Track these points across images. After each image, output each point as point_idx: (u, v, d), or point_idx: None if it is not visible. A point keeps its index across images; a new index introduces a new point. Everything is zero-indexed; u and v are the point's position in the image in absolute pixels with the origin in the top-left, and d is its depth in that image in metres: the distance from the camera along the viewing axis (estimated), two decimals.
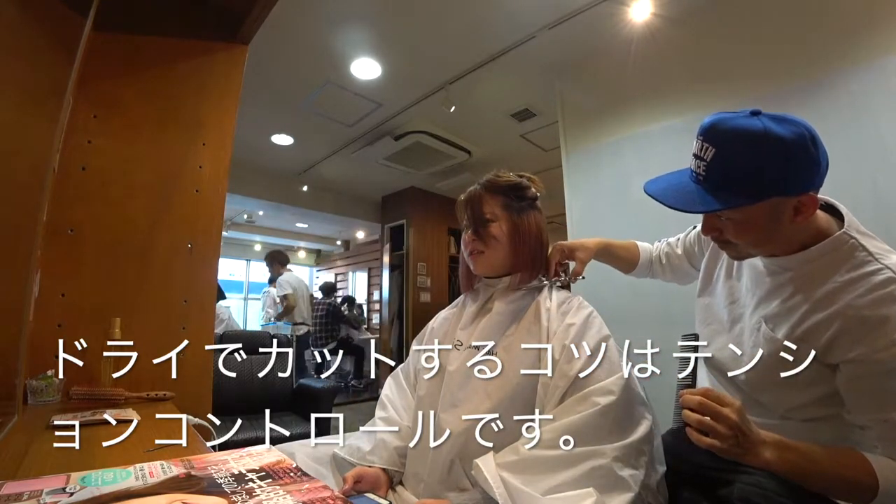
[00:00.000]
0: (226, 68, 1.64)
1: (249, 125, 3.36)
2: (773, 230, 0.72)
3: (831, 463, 0.66)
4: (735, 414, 0.65)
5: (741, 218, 0.71)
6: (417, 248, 5.10)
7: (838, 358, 0.70)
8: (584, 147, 2.45)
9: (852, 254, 0.70)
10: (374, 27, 2.34)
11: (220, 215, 1.57)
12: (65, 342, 1.25)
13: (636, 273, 1.18)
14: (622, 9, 2.07)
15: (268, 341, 2.84)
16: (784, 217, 0.70)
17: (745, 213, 0.70)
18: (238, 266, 8.32)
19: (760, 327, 0.80)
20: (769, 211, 0.69)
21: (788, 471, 0.66)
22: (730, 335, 0.89)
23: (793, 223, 0.70)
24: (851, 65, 1.61)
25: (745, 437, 0.65)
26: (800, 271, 0.75)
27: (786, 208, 0.69)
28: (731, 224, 0.73)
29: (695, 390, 0.69)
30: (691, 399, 0.67)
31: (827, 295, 0.70)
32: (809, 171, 0.67)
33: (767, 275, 0.81)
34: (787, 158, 0.65)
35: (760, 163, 0.66)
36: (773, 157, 0.65)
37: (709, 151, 0.68)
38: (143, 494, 0.49)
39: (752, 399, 0.80)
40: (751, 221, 0.71)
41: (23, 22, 1.06)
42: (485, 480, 0.68)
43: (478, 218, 0.92)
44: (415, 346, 1.07)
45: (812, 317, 0.72)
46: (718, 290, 0.95)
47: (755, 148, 0.65)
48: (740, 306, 0.88)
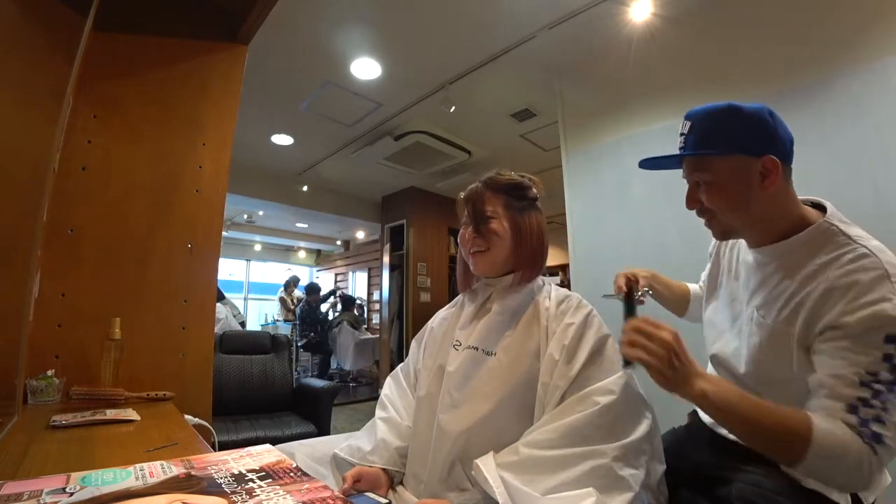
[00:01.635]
0: (226, 68, 1.64)
1: (249, 125, 3.36)
2: (744, 194, 0.78)
3: (769, 407, 0.68)
4: (670, 335, 0.69)
5: (714, 179, 0.80)
6: (417, 248, 5.10)
7: (816, 330, 0.72)
8: (584, 147, 2.45)
9: (832, 239, 0.75)
10: (374, 27, 2.34)
11: (220, 215, 1.56)
12: (65, 342, 1.26)
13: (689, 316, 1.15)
14: (622, 9, 2.07)
15: (267, 342, 2.84)
16: (753, 181, 0.77)
17: (717, 173, 0.79)
18: (238, 266, 8.32)
19: (753, 316, 0.83)
20: (737, 169, 0.78)
21: (723, 407, 0.68)
22: (732, 332, 0.91)
23: (762, 190, 0.77)
24: (852, 65, 1.61)
25: (680, 362, 0.68)
26: (784, 259, 0.80)
27: (752, 170, 0.77)
28: (707, 188, 0.81)
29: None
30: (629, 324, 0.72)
31: (808, 276, 0.75)
32: (767, 136, 0.77)
33: (757, 268, 0.85)
34: (745, 120, 0.78)
35: (724, 122, 0.79)
36: (735, 118, 0.78)
37: (686, 125, 0.83)
38: (143, 494, 0.49)
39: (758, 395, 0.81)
40: (723, 182, 0.79)
41: (23, 22, 1.06)
42: (485, 481, 0.68)
43: (479, 215, 0.91)
44: (414, 345, 1.07)
45: (795, 298, 0.76)
46: (722, 291, 0.97)
47: (721, 115, 0.80)
48: (739, 303, 0.91)
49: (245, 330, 4.52)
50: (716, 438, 0.94)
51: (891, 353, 0.64)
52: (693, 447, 0.98)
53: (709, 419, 0.97)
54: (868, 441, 0.63)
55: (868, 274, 0.68)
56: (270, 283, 8.46)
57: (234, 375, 2.58)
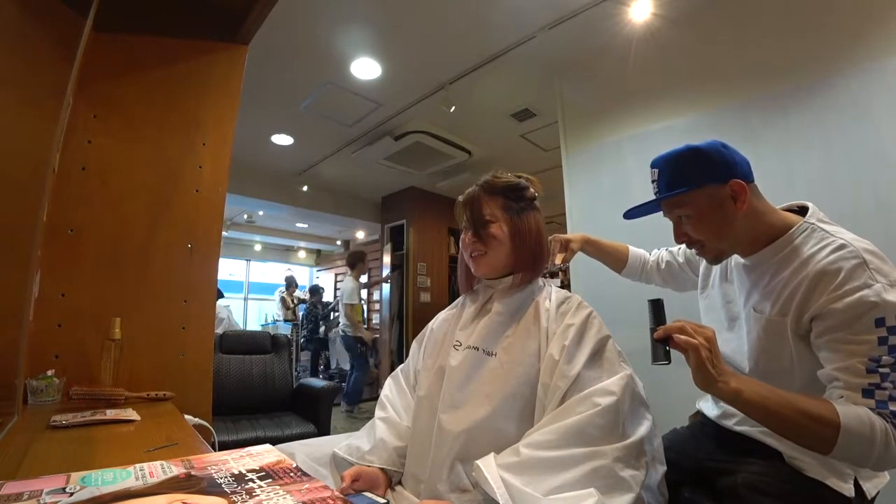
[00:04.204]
0: (226, 68, 1.64)
1: (249, 125, 3.36)
2: (724, 219, 0.86)
3: (797, 399, 0.71)
4: (710, 331, 0.73)
5: (694, 212, 0.88)
6: (417, 248, 5.10)
7: (807, 318, 0.77)
8: (584, 147, 2.45)
9: (812, 235, 0.83)
10: (374, 27, 2.34)
11: (220, 215, 1.56)
12: (65, 342, 1.26)
13: (627, 273, 1.31)
14: (622, 9, 2.07)
15: (267, 342, 2.84)
16: (727, 205, 0.85)
17: (694, 206, 0.87)
18: (238, 266, 8.32)
19: (751, 315, 0.88)
20: (710, 199, 0.86)
21: (756, 402, 0.71)
22: (730, 332, 0.96)
23: (738, 211, 0.85)
24: (852, 65, 1.60)
25: (717, 359, 0.72)
26: (773, 261, 0.86)
27: (723, 196, 0.85)
28: (690, 221, 0.89)
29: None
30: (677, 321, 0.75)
31: (794, 270, 0.81)
32: (726, 164, 0.85)
33: (748, 271, 0.92)
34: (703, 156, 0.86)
35: (687, 163, 0.87)
36: (694, 158, 0.87)
37: (655, 173, 0.92)
38: (143, 494, 0.49)
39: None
40: (702, 213, 0.87)
41: (23, 22, 1.06)
42: (486, 481, 0.68)
43: (477, 219, 0.92)
44: (415, 346, 1.07)
45: (785, 291, 0.82)
46: (715, 291, 1.03)
47: (682, 157, 0.88)
48: (736, 305, 0.96)
49: (245, 330, 4.53)
50: (721, 432, 0.97)
51: (884, 335, 0.69)
52: (696, 444, 1.01)
53: (713, 414, 0.99)
54: (891, 420, 0.68)
55: (848, 262, 0.74)
56: (270, 283, 8.46)
57: (234, 375, 2.58)
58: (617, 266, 1.31)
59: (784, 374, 0.83)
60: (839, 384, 0.72)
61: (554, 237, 1.21)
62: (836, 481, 0.79)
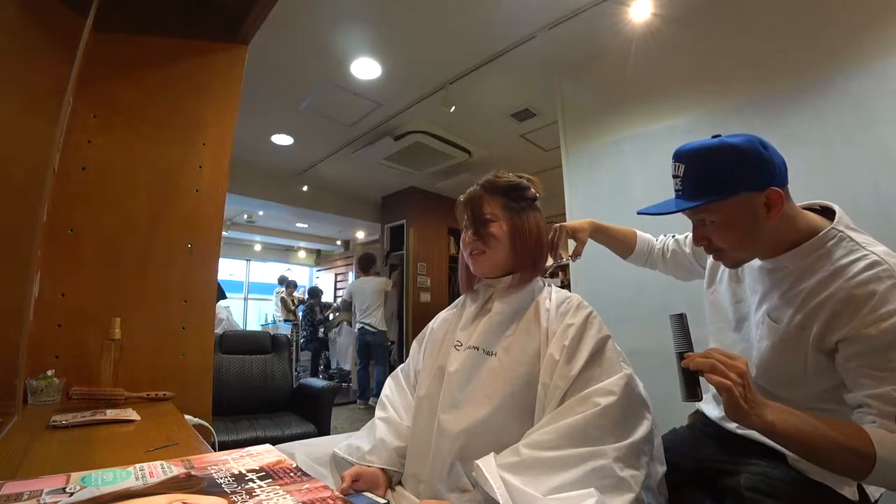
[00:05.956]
0: (226, 68, 1.64)
1: (249, 125, 3.36)
2: (753, 229, 0.79)
3: (830, 428, 0.68)
4: (742, 364, 0.67)
5: (721, 219, 0.80)
6: (417, 248, 5.10)
7: (834, 339, 0.73)
8: (584, 147, 2.45)
9: (841, 244, 0.77)
10: (374, 27, 2.34)
11: (220, 215, 1.56)
12: (65, 342, 1.26)
13: (633, 259, 1.26)
14: (622, 9, 2.07)
15: (267, 342, 2.84)
16: (759, 214, 0.78)
17: (723, 213, 0.79)
18: (238, 266, 8.32)
19: (765, 321, 0.84)
20: (743, 207, 0.78)
21: (791, 434, 0.67)
22: (736, 333, 0.93)
23: (769, 220, 0.78)
24: (852, 65, 1.61)
25: (750, 392, 0.67)
26: (795, 266, 0.81)
27: (757, 204, 0.77)
28: (715, 228, 0.82)
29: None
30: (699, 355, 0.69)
31: (821, 282, 0.76)
32: (765, 167, 0.77)
33: (766, 274, 0.86)
34: (742, 158, 0.77)
35: (722, 165, 0.78)
36: (731, 158, 0.77)
37: (681, 168, 0.82)
38: (143, 494, 0.49)
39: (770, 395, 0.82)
40: (730, 221, 0.80)
41: (22, 22, 1.06)
42: (486, 481, 0.68)
43: (478, 218, 0.92)
44: (415, 346, 1.07)
45: (809, 303, 0.77)
46: (723, 288, 0.99)
47: (715, 155, 0.78)
48: (745, 305, 0.92)
49: (245, 330, 4.53)
50: (722, 433, 0.95)
51: None
52: (696, 444, 1.00)
53: (715, 415, 0.98)
54: None
55: (882, 284, 0.70)
56: (270, 283, 8.47)
57: (234, 375, 2.58)
58: (624, 252, 1.25)
59: (794, 385, 0.81)
60: (871, 410, 0.70)
61: (559, 226, 1.13)
62: (839, 484, 0.78)
